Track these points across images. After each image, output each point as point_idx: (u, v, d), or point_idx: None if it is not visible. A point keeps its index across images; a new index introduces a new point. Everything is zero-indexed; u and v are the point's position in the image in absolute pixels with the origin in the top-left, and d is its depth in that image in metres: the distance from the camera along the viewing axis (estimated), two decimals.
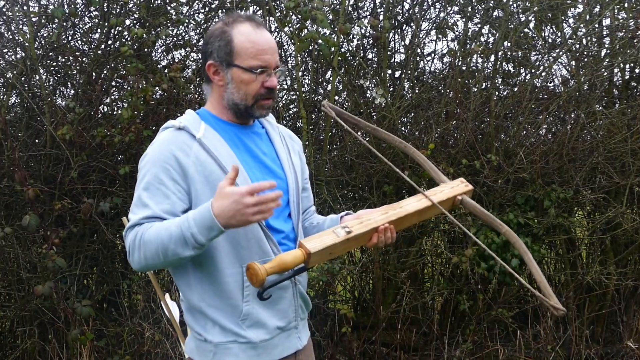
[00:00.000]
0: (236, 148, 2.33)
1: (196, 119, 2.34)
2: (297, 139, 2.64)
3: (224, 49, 2.29)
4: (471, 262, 5.22)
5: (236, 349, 2.28)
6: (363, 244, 2.28)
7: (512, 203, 5.41)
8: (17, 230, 4.98)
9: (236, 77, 2.29)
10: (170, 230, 2.11)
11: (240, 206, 2.03)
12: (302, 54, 5.53)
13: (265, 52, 2.28)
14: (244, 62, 2.27)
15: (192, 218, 2.10)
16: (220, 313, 2.27)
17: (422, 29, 5.69)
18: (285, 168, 2.43)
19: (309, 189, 2.66)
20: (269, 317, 2.31)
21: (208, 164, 2.23)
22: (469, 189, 2.44)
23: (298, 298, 2.41)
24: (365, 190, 5.49)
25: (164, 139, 2.27)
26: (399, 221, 2.31)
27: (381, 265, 5.39)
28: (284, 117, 5.59)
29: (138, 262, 2.19)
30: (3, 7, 5.17)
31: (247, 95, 2.30)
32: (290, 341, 2.40)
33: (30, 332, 5.19)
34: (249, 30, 2.29)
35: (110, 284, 5.30)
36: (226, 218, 2.05)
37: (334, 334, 5.34)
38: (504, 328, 5.50)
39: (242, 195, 2.03)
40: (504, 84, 5.78)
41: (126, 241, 2.22)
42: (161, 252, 2.13)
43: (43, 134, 5.17)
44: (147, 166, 2.24)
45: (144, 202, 2.20)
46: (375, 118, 5.40)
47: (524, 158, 5.23)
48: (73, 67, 5.33)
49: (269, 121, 2.53)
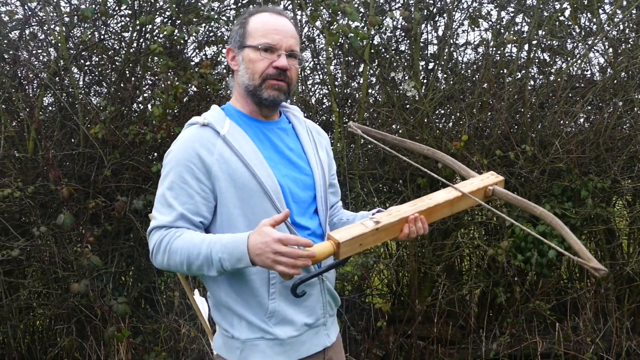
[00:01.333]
0: (261, 144, 2.32)
1: (221, 115, 2.33)
2: (324, 133, 2.62)
3: (239, 32, 2.33)
4: (507, 254, 5.15)
5: (263, 345, 2.26)
6: (395, 235, 2.25)
7: (549, 194, 5.34)
8: (52, 229, 5.02)
9: (245, 57, 2.31)
10: (200, 249, 2.12)
11: (267, 249, 2.02)
12: (335, 48, 5.49)
13: (276, 32, 2.29)
14: (253, 41, 2.29)
15: (225, 244, 2.11)
16: (246, 310, 2.26)
17: (455, 20, 5.62)
18: (312, 163, 2.40)
19: (337, 184, 2.64)
20: (296, 314, 2.30)
21: (232, 162, 2.22)
22: (500, 179, 2.41)
23: (326, 294, 2.39)
24: (399, 184, 5.44)
25: (188, 137, 2.27)
26: (429, 212, 2.28)
27: (417, 258, 5.35)
28: (317, 111, 5.56)
29: (161, 264, 2.22)
30: (35, 7, 5.20)
31: (254, 74, 2.30)
32: (319, 338, 2.38)
33: (68, 329, 5.25)
34: (265, 15, 2.33)
35: (146, 281, 5.33)
36: (253, 255, 2.05)
37: (370, 328, 5.32)
38: (543, 320, 5.42)
39: (274, 240, 2.01)
40: (539, 73, 5.68)
41: (150, 240, 2.23)
42: (186, 264, 2.16)
43: (77, 133, 5.20)
44: (170, 164, 2.24)
45: (168, 202, 2.21)
46: (408, 110, 5.34)
47: (559, 148, 5.15)
48: (106, 66, 5.35)
49: (296, 116, 2.51)
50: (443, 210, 2.33)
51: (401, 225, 2.23)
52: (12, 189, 4.85)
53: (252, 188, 2.21)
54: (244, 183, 2.21)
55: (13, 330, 5.14)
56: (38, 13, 5.23)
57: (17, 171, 5.10)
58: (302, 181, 2.35)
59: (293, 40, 2.33)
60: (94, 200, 5.03)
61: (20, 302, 5.19)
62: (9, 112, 5.16)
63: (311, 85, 5.75)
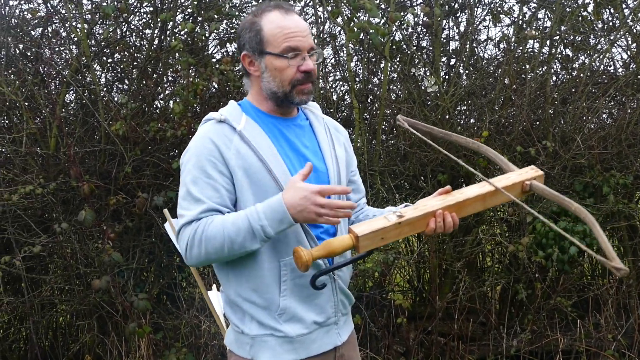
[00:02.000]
0: (276, 141, 2.32)
1: (237, 111, 2.34)
2: (343, 130, 2.61)
3: (255, 39, 2.29)
4: (528, 251, 5.13)
5: (272, 342, 2.27)
6: (420, 230, 2.22)
7: (570, 190, 5.31)
8: (74, 225, 5.04)
9: (270, 65, 2.28)
10: (238, 224, 2.12)
11: (308, 203, 2.07)
12: (355, 44, 5.48)
13: (296, 35, 2.26)
14: (275, 49, 2.26)
15: (261, 211, 2.12)
16: (257, 307, 2.27)
17: (477, 16, 5.59)
18: (327, 161, 2.40)
19: (358, 181, 2.62)
20: (306, 312, 2.30)
21: (248, 157, 2.22)
22: (539, 174, 2.36)
23: (338, 293, 2.39)
24: (419, 180, 5.43)
25: (206, 132, 2.27)
26: (458, 206, 2.24)
27: (437, 254, 5.33)
28: (338, 107, 5.56)
29: (197, 258, 2.19)
30: (57, 5, 5.22)
31: (283, 82, 2.28)
32: (330, 337, 2.38)
33: (90, 325, 5.27)
34: (277, 16, 2.28)
35: (167, 278, 5.34)
36: (295, 212, 2.09)
37: (391, 324, 5.31)
38: (564, 317, 5.40)
39: (312, 192, 2.06)
40: (561, 69, 5.65)
41: (181, 238, 2.21)
42: (227, 245, 2.14)
43: (99, 130, 5.22)
44: (192, 160, 2.24)
45: (195, 197, 2.20)
46: (429, 106, 5.33)
47: (581, 144, 5.12)
48: (127, 62, 5.37)
49: (314, 112, 2.51)
50: (474, 204, 2.28)
51: (427, 219, 2.20)
52: (34, 186, 4.88)
53: (267, 183, 2.22)
54: (259, 178, 2.22)
55: (35, 326, 5.17)
56: (60, 11, 5.25)
57: (39, 168, 5.12)
58: (317, 178, 2.35)
59: (310, 37, 2.32)
60: (115, 196, 5.05)
61: (43, 298, 5.22)
62: (31, 109, 5.18)
63: (332, 82, 5.74)
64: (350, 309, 2.51)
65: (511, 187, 2.29)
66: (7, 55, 5.15)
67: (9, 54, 5.18)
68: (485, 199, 2.29)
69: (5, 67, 5.14)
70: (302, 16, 5.56)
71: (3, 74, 5.06)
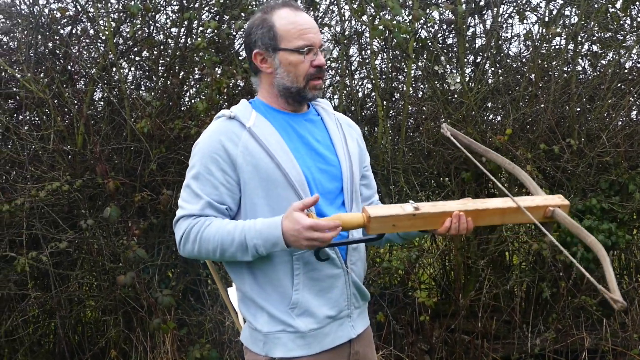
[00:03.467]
0: (287, 136, 2.35)
1: (248, 108, 2.37)
2: (355, 126, 2.64)
3: (268, 35, 2.32)
4: (552, 249, 5.11)
5: (285, 338, 2.29)
6: (433, 227, 2.26)
7: (596, 188, 5.27)
8: (100, 222, 5.10)
9: (284, 61, 2.31)
10: (233, 235, 2.19)
11: (300, 236, 2.12)
12: (380, 42, 5.50)
13: (309, 31, 2.31)
14: (290, 44, 2.30)
15: (259, 229, 2.18)
16: (269, 302, 2.30)
17: (503, 13, 5.58)
18: (340, 155, 2.42)
19: (370, 176, 2.64)
20: (318, 306, 2.31)
21: (257, 153, 2.26)
22: (565, 203, 2.35)
23: (351, 287, 2.39)
24: (443, 178, 5.43)
25: (214, 129, 2.32)
26: (476, 214, 2.27)
27: (462, 252, 5.32)
28: (364, 105, 5.57)
29: (189, 253, 2.28)
30: (86, 4, 5.29)
31: (297, 77, 2.33)
32: (343, 330, 2.38)
33: (116, 321, 5.32)
34: (288, 13, 2.32)
35: (192, 274, 5.38)
36: (288, 239, 2.16)
37: (414, 322, 5.31)
38: (590, 316, 5.36)
39: (304, 228, 2.11)
40: (589, 66, 5.61)
41: (178, 228, 2.28)
42: (219, 252, 2.22)
43: (125, 128, 5.27)
44: (197, 155, 2.30)
45: (194, 192, 2.26)
46: (453, 104, 5.33)
47: (606, 141, 5.09)
48: (154, 60, 5.42)
49: (325, 108, 2.54)
50: (492, 217, 2.32)
51: (443, 218, 2.23)
52: (61, 183, 4.95)
53: (277, 179, 2.26)
54: (269, 174, 2.26)
55: (62, 321, 5.23)
56: (89, 10, 5.31)
57: (67, 165, 5.19)
58: (329, 172, 2.38)
59: (319, 34, 2.37)
60: (140, 193, 5.10)
61: (70, 293, 5.28)
62: (59, 106, 5.25)
63: (358, 80, 5.76)
64: (366, 305, 2.52)
65: (534, 209, 2.31)
66: (36, 53, 5.22)
67: (37, 52, 5.25)
68: (504, 214, 2.31)
69: (35, 65, 5.21)
70: (328, 14, 5.61)
71: (32, 72, 5.13)
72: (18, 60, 5.21)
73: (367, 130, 5.64)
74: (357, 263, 2.43)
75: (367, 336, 2.53)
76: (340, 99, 5.42)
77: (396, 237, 2.55)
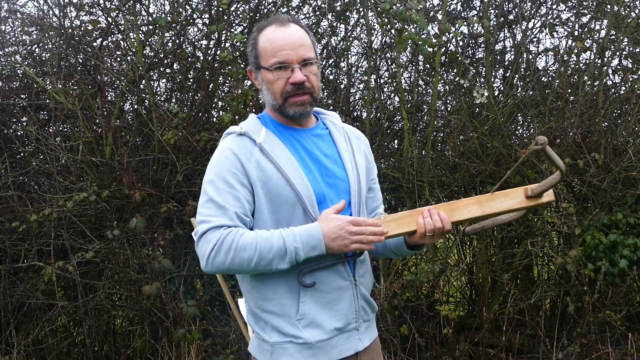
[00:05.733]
0: (295, 152, 2.37)
1: (257, 124, 2.39)
2: (364, 138, 2.64)
3: (252, 54, 2.39)
4: (577, 263, 5.10)
5: (292, 349, 2.30)
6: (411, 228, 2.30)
7: (622, 202, 5.27)
8: (126, 232, 5.14)
9: (265, 78, 2.36)
10: (272, 242, 2.20)
11: (342, 231, 2.19)
12: (409, 55, 5.52)
13: (283, 48, 2.31)
14: (266, 62, 2.33)
15: (298, 234, 2.21)
16: (276, 314, 2.31)
17: (532, 27, 5.59)
18: (348, 169, 2.43)
19: (377, 189, 2.64)
20: (326, 318, 2.32)
21: (268, 169, 2.28)
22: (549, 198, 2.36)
23: (359, 299, 2.40)
24: (469, 191, 5.44)
25: (228, 145, 2.33)
26: (450, 206, 2.33)
27: (487, 265, 5.33)
28: (393, 119, 5.59)
29: (219, 265, 2.21)
30: (116, 17, 5.35)
31: (275, 94, 2.35)
32: (350, 342, 2.39)
33: (142, 331, 5.36)
34: (270, 31, 2.34)
35: (217, 285, 5.40)
36: (329, 240, 2.20)
37: (438, 335, 5.31)
38: (615, 331, 5.34)
39: (346, 222, 2.20)
40: (620, 81, 5.62)
41: (206, 242, 2.24)
42: (255, 259, 2.20)
43: (152, 139, 5.32)
44: (214, 170, 2.30)
45: (219, 205, 2.25)
46: (479, 118, 5.34)
47: (632, 156, 5.09)
48: (183, 72, 5.47)
49: (333, 122, 2.55)
50: (470, 208, 2.34)
51: (415, 218, 2.30)
52: (89, 193, 5.00)
53: (286, 194, 2.28)
54: (279, 190, 2.27)
55: (89, 330, 5.27)
56: (119, 23, 5.37)
57: (94, 176, 5.24)
58: (337, 186, 2.39)
59: (303, 49, 2.33)
60: (166, 204, 5.14)
61: (97, 303, 5.32)
62: (88, 118, 5.31)
63: (387, 93, 5.78)
64: (374, 316, 2.53)
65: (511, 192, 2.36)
66: (67, 65, 5.28)
67: (68, 64, 5.31)
68: (480, 202, 2.35)
69: (65, 77, 5.27)
70: (359, 27, 5.62)
71: (62, 84, 5.19)
72: (48, 72, 5.28)
73: (395, 143, 5.66)
74: (365, 275, 2.45)
75: (375, 348, 2.53)
76: (368, 112, 5.44)
77: (389, 252, 2.57)
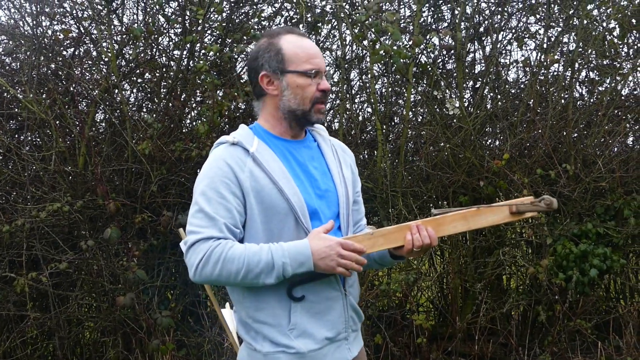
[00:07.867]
0: (287, 162, 2.38)
1: (249, 134, 2.40)
2: (349, 151, 2.68)
3: (275, 58, 2.37)
4: (549, 273, 5.16)
5: (284, 358, 2.31)
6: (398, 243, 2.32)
7: (591, 212, 5.35)
8: (100, 243, 5.11)
9: (292, 83, 2.36)
10: (260, 256, 2.21)
11: (332, 252, 2.21)
12: (381, 66, 5.56)
13: (316, 56, 2.38)
14: (299, 67, 2.35)
15: (286, 249, 2.21)
16: (268, 324, 2.32)
17: (502, 39, 5.67)
18: (336, 181, 2.46)
19: (361, 202, 2.67)
20: (317, 328, 2.34)
21: (260, 179, 2.29)
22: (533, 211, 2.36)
23: (349, 309, 2.43)
24: (442, 201, 5.48)
25: (220, 155, 2.33)
26: (437, 222, 2.33)
27: (459, 275, 5.37)
28: (363, 129, 5.61)
29: (207, 277, 2.23)
30: (89, 26, 5.33)
31: (304, 100, 2.36)
32: (340, 352, 2.41)
33: (115, 342, 5.32)
34: (295, 38, 2.39)
35: (191, 295, 5.40)
36: (317, 258, 2.22)
37: (411, 344, 5.34)
38: (585, 339, 5.41)
39: (337, 243, 2.21)
40: (587, 93, 5.71)
41: (194, 252, 2.24)
42: (242, 272, 2.21)
43: (126, 149, 5.30)
44: (205, 180, 2.30)
45: (209, 215, 2.25)
46: (452, 129, 5.39)
47: (602, 167, 5.16)
48: (157, 83, 5.46)
49: (321, 134, 2.58)
50: (455, 223, 2.34)
51: (403, 233, 2.31)
52: (62, 203, 4.96)
53: (279, 205, 2.29)
54: (272, 200, 2.28)
55: (61, 342, 5.23)
56: (92, 32, 5.35)
57: (67, 186, 5.20)
58: (327, 198, 2.41)
59: (323, 60, 2.43)
60: (141, 215, 5.12)
61: (69, 314, 5.28)
62: (61, 128, 5.27)
63: (359, 104, 5.82)
64: (360, 325, 2.56)
65: (496, 209, 2.36)
66: (39, 74, 5.25)
67: (40, 73, 5.28)
68: (466, 217, 2.35)
69: (37, 86, 5.23)
70: (330, 38, 5.67)
71: (34, 93, 5.16)
72: (20, 81, 5.24)
73: (366, 153, 5.69)
74: (354, 285, 2.48)
75: (362, 357, 2.54)
76: (341, 123, 5.47)
77: (373, 263, 2.59)
